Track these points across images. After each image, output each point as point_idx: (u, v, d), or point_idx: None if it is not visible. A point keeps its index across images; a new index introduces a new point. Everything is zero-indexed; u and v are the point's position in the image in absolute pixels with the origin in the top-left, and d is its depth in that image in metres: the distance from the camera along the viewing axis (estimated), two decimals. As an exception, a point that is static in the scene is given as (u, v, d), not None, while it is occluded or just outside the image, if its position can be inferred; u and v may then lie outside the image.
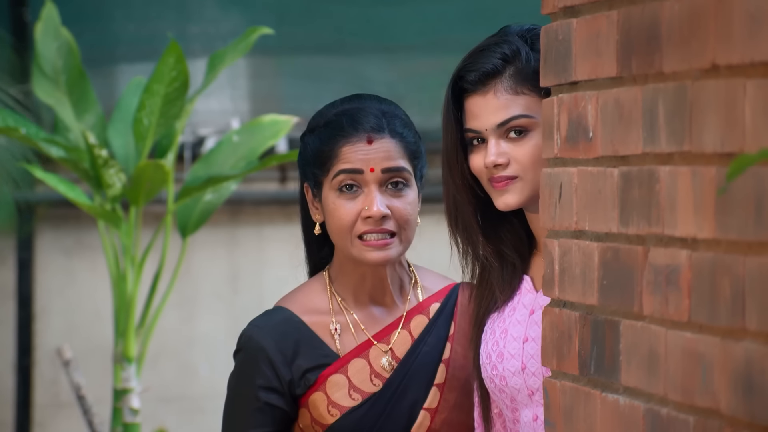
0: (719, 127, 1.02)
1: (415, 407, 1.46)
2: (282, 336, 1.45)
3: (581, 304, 1.19)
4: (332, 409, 1.44)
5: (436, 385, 1.46)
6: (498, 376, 1.39)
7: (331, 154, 1.46)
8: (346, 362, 1.46)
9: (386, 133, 1.46)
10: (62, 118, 2.58)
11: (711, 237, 1.03)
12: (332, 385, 1.45)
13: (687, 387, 1.05)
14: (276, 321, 1.47)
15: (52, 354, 3.19)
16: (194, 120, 3.25)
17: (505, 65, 1.38)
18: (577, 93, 1.20)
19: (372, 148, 1.45)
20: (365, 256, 1.45)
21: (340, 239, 1.46)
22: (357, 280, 1.48)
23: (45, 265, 3.23)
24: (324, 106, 1.52)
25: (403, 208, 1.46)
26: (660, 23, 1.08)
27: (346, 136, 1.46)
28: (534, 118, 1.38)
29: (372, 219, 1.44)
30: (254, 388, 1.44)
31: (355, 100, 1.50)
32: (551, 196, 1.24)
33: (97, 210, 2.51)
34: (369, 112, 1.47)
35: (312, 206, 1.50)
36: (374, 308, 1.49)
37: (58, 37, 2.57)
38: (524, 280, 1.42)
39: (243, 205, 3.35)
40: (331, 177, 1.46)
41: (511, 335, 1.40)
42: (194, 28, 3.21)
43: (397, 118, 1.49)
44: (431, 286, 1.52)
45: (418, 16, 3.21)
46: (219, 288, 3.29)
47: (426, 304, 1.50)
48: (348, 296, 1.49)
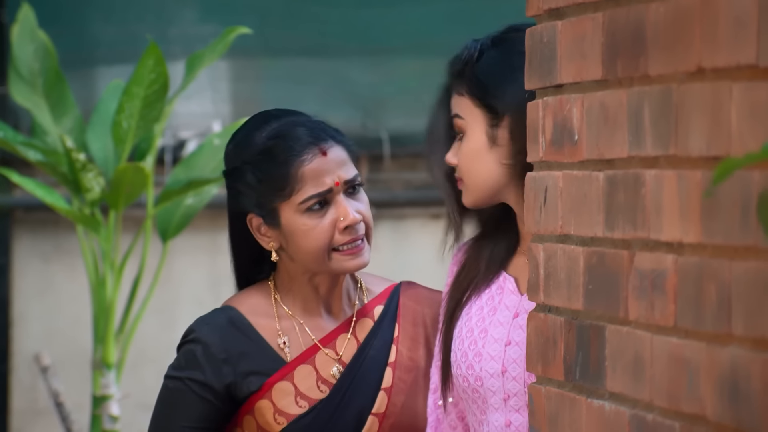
0: (705, 130, 1.01)
1: (363, 413, 1.44)
2: (229, 334, 1.43)
3: (566, 309, 1.19)
4: (278, 417, 1.42)
5: (383, 389, 1.45)
6: (473, 376, 1.38)
7: (290, 178, 1.43)
8: (292, 369, 1.44)
9: (331, 140, 1.45)
10: (40, 121, 2.56)
11: (697, 241, 1.02)
12: (278, 392, 1.43)
13: (673, 393, 1.04)
14: (224, 319, 1.44)
15: (29, 360, 3.15)
16: (175, 123, 3.23)
17: (461, 67, 1.40)
18: (562, 96, 1.19)
19: (329, 159, 1.44)
20: (344, 266, 1.44)
21: (315, 257, 1.44)
22: (309, 291, 1.47)
23: (22, 270, 3.20)
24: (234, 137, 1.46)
25: (366, 210, 1.46)
26: (645, 26, 1.08)
27: (298, 155, 1.43)
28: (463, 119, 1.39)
29: (350, 227, 1.43)
30: (190, 383, 1.42)
31: (272, 119, 1.46)
32: (536, 200, 1.23)
33: (75, 214, 2.49)
34: (300, 125, 1.45)
35: (261, 235, 1.45)
36: (323, 315, 1.47)
37: (34, 39, 2.54)
38: (507, 280, 1.41)
39: (224, 209, 3.32)
40: (298, 201, 1.43)
41: (492, 336, 1.39)
42: (174, 31, 3.19)
43: (325, 124, 1.48)
44: (374, 288, 1.51)
45: (402, 18, 3.20)
46: (200, 293, 3.26)
47: (370, 307, 1.49)
48: (296, 306, 1.47)
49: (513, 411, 1.37)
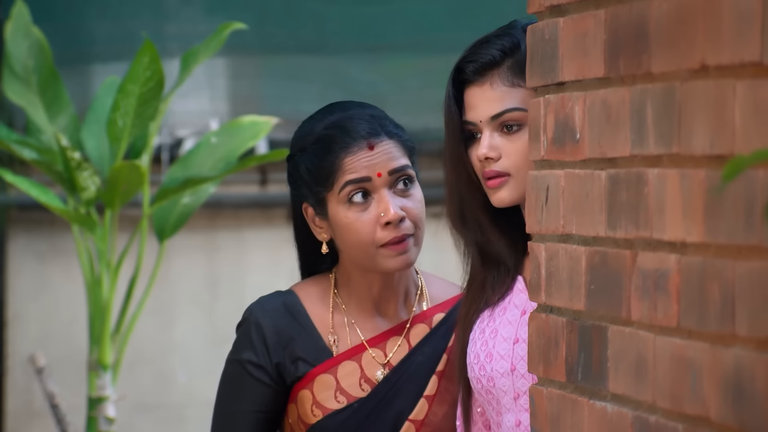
0: (708, 128, 1.00)
1: (401, 417, 1.44)
2: (281, 318, 1.44)
3: (568, 309, 1.18)
4: (315, 409, 1.42)
5: (425, 397, 1.45)
6: (486, 377, 1.37)
7: (333, 168, 1.43)
8: (337, 363, 1.44)
9: (383, 135, 1.44)
10: (34, 119, 2.54)
11: (700, 241, 1.01)
12: (320, 384, 1.43)
13: (676, 394, 1.03)
14: (279, 303, 1.45)
15: (25, 361, 3.14)
16: (172, 121, 3.21)
17: (503, 57, 1.36)
18: (564, 94, 1.18)
19: (375, 153, 1.43)
20: (387, 264, 1.43)
21: (361, 252, 1.43)
22: (364, 288, 1.46)
23: (17, 270, 3.18)
24: (303, 122, 1.48)
25: (415, 207, 1.44)
26: (648, 23, 1.07)
27: (346, 147, 1.43)
28: (527, 112, 1.35)
29: (392, 224, 1.41)
30: (247, 364, 1.43)
31: (338, 110, 1.47)
32: (538, 199, 1.22)
33: (71, 214, 2.47)
34: (359, 118, 1.45)
35: (315, 226, 1.46)
36: (376, 316, 1.47)
37: (28, 36, 2.52)
38: (517, 280, 1.40)
39: (222, 208, 3.31)
40: (338, 190, 1.43)
41: (501, 335, 1.37)
42: (172, 27, 3.17)
43: (386, 119, 1.47)
44: (438, 295, 1.50)
45: (402, 15, 3.19)
46: (197, 294, 3.25)
47: (429, 314, 1.48)
48: (351, 302, 1.47)
49: (523, 410, 1.35)
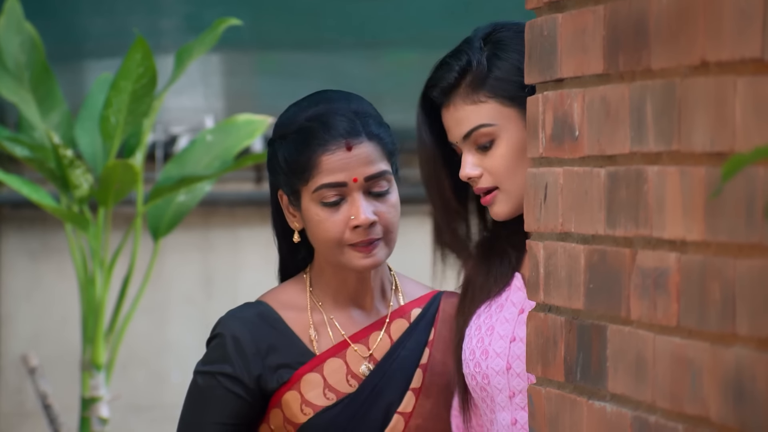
0: (709, 125, 0.99)
1: (390, 410, 1.44)
2: (258, 329, 1.43)
3: (567, 308, 1.17)
4: (305, 407, 1.42)
5: (411, 389, 1.44)
6: (480, 374, 1.37)
7: (310, 164, 1.42)
8: (321, 361, 1.44)
9: (363, 136, 1.43)
10: (26, 116, 2.52)
11: (700, 239, 1.00)
12: (307, 383, 1.43)
13: (676, 394, 1.02)
14: (253, 313, 1.45)
15: (17, 361, 3.12)
16: (166, 118, 3.19)
17: (460, 77, 1.37)
18: (563, 90, 1.17)
19: (352, 155, 1.42)
20: (354, 263, 1.43)
21: (328, 249, 1.43)
22: (338, 283, 1.46)
23: (10, 269, 3.16)
24: (289, 107, 1.47)
25: (388, 212, 1.43)
26: (648, 18, 1.06)
27: (324, 144, 1.42)
28: (494, 125, 1.36)
29: (361, 227, 1.41)
30: (221, 377, 1.42)
31: (323, 101, 1.45)
32: (536, 197, 1.21)
33: (63, 212, 2.45)
34: (342, 114, 1.43)
35: (289, 213, 1.46)
36: (353, 311, 1.47)
37: (21, 31, 2.51)
38: (515, 277, 1.40)
39: (217, 207, 3.30)
40: (312, 189, 1.42)
41: (498, 333, 1.37)
42: (166, 23, 3.15)
43: (370, 116, 1.45)
44: (411, 291, 1.50)
45: (398, 10, 3.17)
46: (192, 293, 3.24)
47: (407, 309, 1.48)
48: (327, 298, 1.46)
49: (519, 409, 1.35)
